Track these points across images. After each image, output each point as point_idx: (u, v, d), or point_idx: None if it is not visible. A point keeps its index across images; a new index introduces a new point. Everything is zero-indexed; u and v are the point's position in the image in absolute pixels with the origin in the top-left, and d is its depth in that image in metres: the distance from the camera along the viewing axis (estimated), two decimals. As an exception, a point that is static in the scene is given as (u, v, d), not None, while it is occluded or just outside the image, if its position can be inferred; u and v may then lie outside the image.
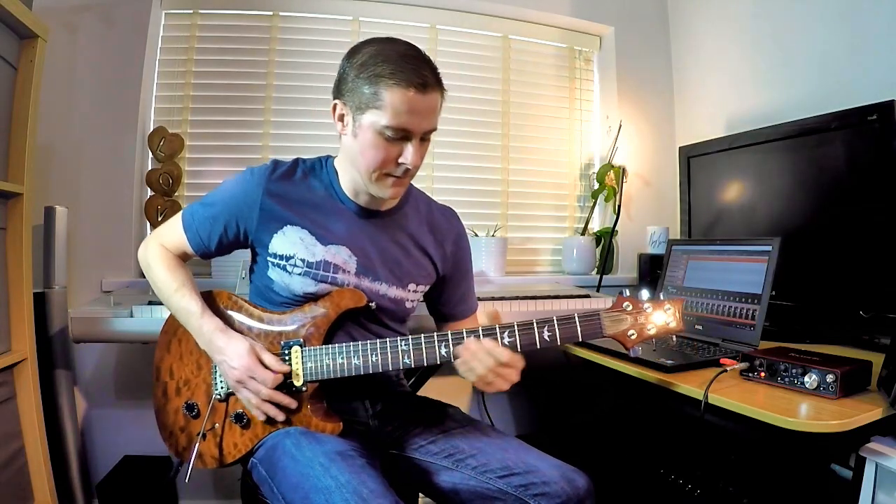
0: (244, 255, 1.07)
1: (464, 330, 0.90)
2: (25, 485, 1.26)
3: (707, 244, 1.54)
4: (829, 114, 1.41)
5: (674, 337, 1.24)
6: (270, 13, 1.88)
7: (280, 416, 0.91)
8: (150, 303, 1.25)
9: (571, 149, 2.18)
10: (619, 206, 2.05)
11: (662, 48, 2.23)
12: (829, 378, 0.95)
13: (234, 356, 0.90)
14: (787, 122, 1.54)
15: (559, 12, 2.09)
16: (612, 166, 2.08)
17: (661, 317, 0.91)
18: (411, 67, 0.85)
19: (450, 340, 0.89)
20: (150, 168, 1.77)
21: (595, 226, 2.19)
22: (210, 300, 0.99)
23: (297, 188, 0.99)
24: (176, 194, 1.77)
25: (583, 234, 2.14)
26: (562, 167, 2.17)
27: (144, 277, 1.66)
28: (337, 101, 0.92)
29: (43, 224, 1.42)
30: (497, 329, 0.89)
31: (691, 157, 1.88)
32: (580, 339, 0.90)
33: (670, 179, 2.11)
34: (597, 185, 2.11)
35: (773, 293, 1.31)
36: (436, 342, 0.90)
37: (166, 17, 1.81)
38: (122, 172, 1.70)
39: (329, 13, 1.93)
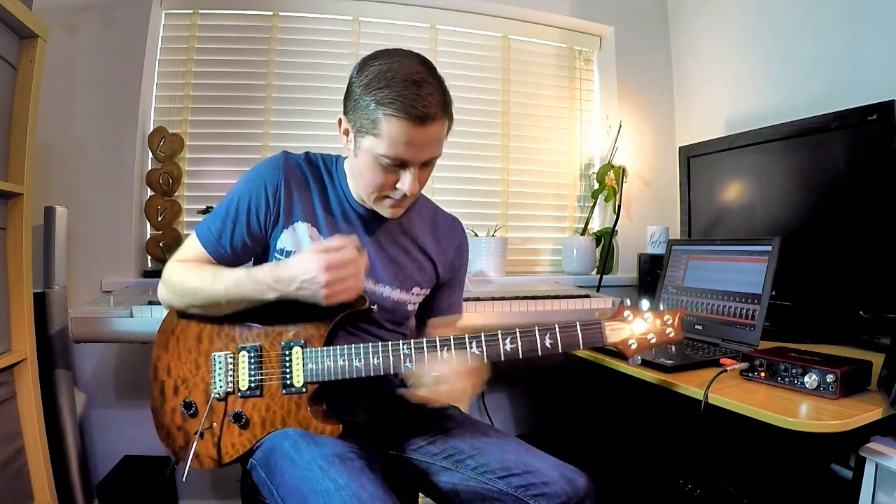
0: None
1: (466, 335, 0.89)
2: (25, 485, 1.26)
3: (707, 244, 1.54)
4: (829, 114, 1.41)
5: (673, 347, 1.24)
6: (270, 13, 1.88)
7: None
8: (150, 303, 1.25)
9: (571, 149, 2.18)
10: (619, 206, 2.05)
11: (662, 48, 2.23)
12: (829, 378, 0.95)
13: (302, 272, 0.84)
14: (787, 122, 1.54)
15: (559, 12, 2.09)
16: (612, 166, 2.08)
17: (661, 327, 0.91)
18: (414, 95, 0.81)
19: (452, 345, 0.89)
20: (150, 168, 1.77)
21: (595, 226, 2.19)
22: None
23: (309, 183, 0.98)
24: (176, 194, 1.77)
25: (583, 234, 2.14)
26: (562, 167, 2.17)
27: (145, 277, 1.69)
28: (342, 117, 0.91)
29: (43, 224, 1.42)
30: (499, 334, 0.88)
31: (691, 157, 1.88)
32: (581, 347, 0.90)
33: (670, 179, 2.11)
34: (597, 185, 2.11)
35: (773, 293, 1.31)
36: (437, 346, 0.89)
37: (166, 17, 1.81)
38: (122, 172, 1.70)
39: (329, 13, 1.93)
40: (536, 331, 0.88)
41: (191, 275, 0.94)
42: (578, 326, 0.89)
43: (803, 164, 1.50)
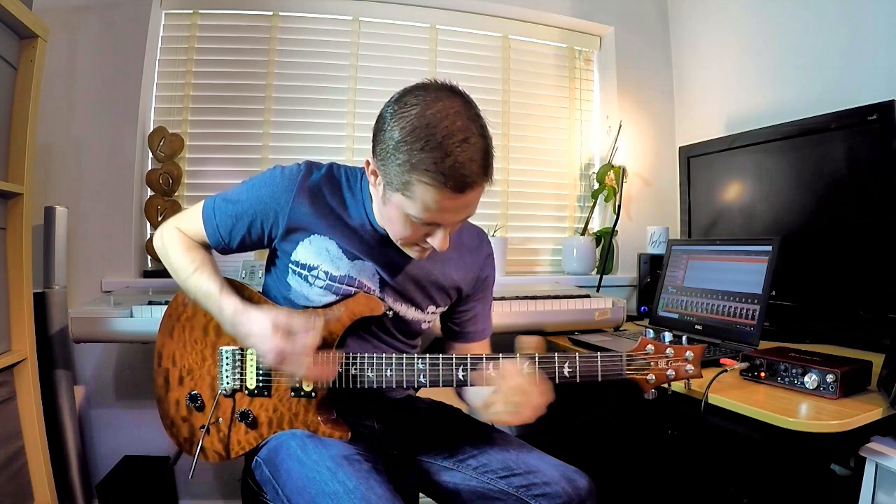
0: (245, 254, 1.06)
1: (483, 356, 0.89)
2: (25, 485, 1.26)
3: (707, 244, 1.54)
4: (829, 114, 1.41)
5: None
6: (270, 13, 1.88)
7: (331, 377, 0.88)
8: (150, 303, 1.25)
9: (571, 149, 2.18)
10: (619, 206, 2.05)
11: (662, 48, 2.23)
12: (829, 378, 0.95)
13: (260, 338, 0.84)
14: (787, 122, 1.54)
15: (559, 12, 2.09)
16: (612, 166, 2.07)
17: (682, 363, 0.91)
18: (454, 163, 0.74)
19: (468, 365, 0.88)
20: (150, 168, 1.77)
21: (595, 226, 2.19)
22: None
23: (329, 199, 0.93)
24: (176, 194, 1.77)
25: (583, 234, 2.14)
26: (562, 167, 2.17)
27: (145, 277, 1.69)
28: (370, 159, 0.84)
29: (43, 224, 1.42)
30: (518, 358, 0.88)
31: (691, 157, 1.88)
32: (599, 379, 0.89)
33: (670, 179, 2.11)
34: (597, 185, 2.11)
35: (773, 293, 1.31)
36: (453, 365, 0.89)
37: (166, 17, 1.81)
38: (122, 172, 1.70)
39: (329, 13, 1.93)
40: (556, 358, 0.88)
41: (178, 253, 0.95)
42: (599, 358, 0.89)
43: (803, 164, 1.50)
